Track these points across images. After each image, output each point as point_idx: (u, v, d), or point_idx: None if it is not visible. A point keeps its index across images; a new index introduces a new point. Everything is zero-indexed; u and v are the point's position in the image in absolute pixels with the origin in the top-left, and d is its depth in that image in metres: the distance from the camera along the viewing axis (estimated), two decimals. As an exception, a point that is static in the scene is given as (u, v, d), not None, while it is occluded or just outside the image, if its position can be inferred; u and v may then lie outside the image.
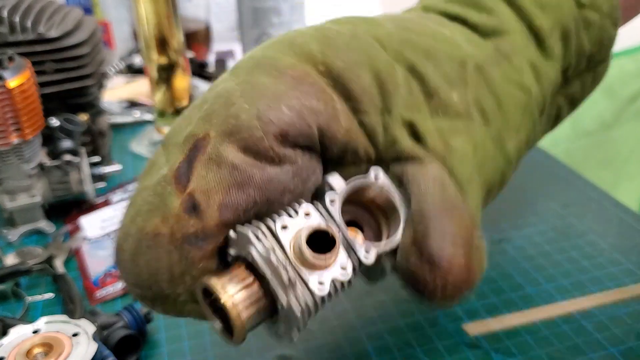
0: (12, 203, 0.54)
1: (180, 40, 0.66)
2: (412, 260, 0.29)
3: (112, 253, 0.29)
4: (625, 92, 1.25)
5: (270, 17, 0.80)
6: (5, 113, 0.50)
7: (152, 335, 0.43)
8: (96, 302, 0.46)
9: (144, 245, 0.27)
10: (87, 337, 0.36)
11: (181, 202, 0.26)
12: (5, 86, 0.49)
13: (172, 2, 0.64)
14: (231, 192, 0.26)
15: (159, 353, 0.41)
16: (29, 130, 0.51)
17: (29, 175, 0.54)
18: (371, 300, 0.45)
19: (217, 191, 0.26)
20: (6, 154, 0.52)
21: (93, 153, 0.60)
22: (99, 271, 0.49)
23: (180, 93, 0.69)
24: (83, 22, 0.62)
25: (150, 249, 0.27)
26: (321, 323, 0.43)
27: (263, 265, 0.26)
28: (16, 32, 0.56)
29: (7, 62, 0.51)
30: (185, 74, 0.68)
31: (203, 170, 0.27)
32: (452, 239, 0.29)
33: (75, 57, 0.58)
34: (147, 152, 0.70)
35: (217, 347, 0.41)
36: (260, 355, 0.40)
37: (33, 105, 0.52)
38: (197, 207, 0.26)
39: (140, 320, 0.41)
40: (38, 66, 0.56)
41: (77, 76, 0.59)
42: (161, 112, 0.70)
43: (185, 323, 0.44)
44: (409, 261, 0.29)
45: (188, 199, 0.26)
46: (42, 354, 0.35)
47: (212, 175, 0.27)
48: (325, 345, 0.41)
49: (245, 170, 0.27)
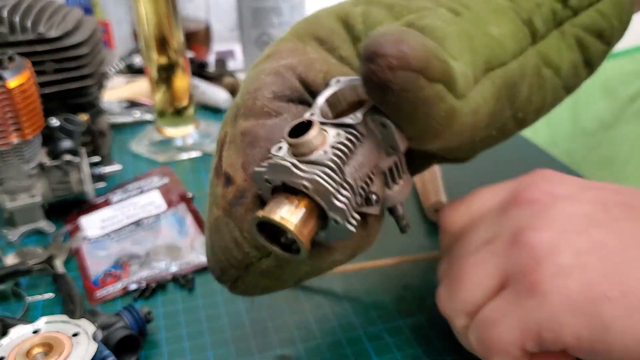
0: (12, 203, 0.54)
1: (180, 40, 0.66)
2: (360, 66, 0.28)
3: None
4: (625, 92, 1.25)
5: (271, 17, 0.80)
6: (5, 113, 0.50)
7: (152, 336, 0.43)
8: (96, 302, 0.46)
9: (213, 234, 0.33)
10: (87, 337, 0.36)
11: (221, 184, 0.32)
12: (6, 86, 0.49)
13: (172, 2, 0.64)
14: (247, 151, 0.32)
15: (159, 353, 0.41)
16: (29, 130, 0.51)
17: (29, 175, 0.54)
18: (371, 300, 0.45)
19: (237, 157, 0.32)
20: (6, 154, 0.52)
21: (93, 153, 0.60)
22: (99, 271, 0.49)
23: (180, 93, 0.69)
24: (83, 22, 0.62)
25: (216, 232, 0.33)
26: (321, 322, 0.43)
27: (288, 178, 0.28)
28: (16, 32, 0.57)
29: (7, 62, 0.51)
30: (185, 74, 0.68)
31: (226, 152, 0.33)
32: (387, 31, 0.27)
33: (76, 57, 0.58)
34: (147, 152, 0.70)
35: (217, 347, 0.41)
36: (260, 354, 0.41)
37: (33, 105, 0.52)
38: (230, 178, 0.32)
39: (141, 320, 0.41)
40: (38, 66, 0.56)
41: (77, 76, 0.59)
42: (161, 112, 0.70)
43: (186, 323, 0.44)
44: (360, 70, 0.28)
45: (224, 178, 0.32)
46: (42, 354, 0.35)
47: (232, 150, 0.32)
48: (325, 344, 0.41)
49: (251, 130, 0.32)
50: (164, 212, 0.57)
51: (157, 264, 0.49)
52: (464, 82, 0.30)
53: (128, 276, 0.48)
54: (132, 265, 0.50)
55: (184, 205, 0.58)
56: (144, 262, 0.50)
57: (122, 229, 0.55)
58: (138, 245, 0.52)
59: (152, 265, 0.49)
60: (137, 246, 0.52)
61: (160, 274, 0.48)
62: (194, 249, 0.51)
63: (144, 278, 0.48)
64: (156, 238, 0.53)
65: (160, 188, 0.61)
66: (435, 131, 0.29)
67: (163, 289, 0.47)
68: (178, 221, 0.55)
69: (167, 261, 0.50)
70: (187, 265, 0.49)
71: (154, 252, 0.51)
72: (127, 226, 0.55)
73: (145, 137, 0.72)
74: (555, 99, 0.40)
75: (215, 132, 0.72)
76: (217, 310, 0.45)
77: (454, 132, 0.30)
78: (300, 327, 0.43)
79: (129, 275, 0.48)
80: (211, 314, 0.45)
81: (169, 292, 0.47)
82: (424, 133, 0.29)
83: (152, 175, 0.64)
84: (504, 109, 0.35)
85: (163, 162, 0.68)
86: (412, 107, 0.27)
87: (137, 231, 0.54)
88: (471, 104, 0.30)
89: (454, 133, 0.30)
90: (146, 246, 0.52)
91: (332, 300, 0.45)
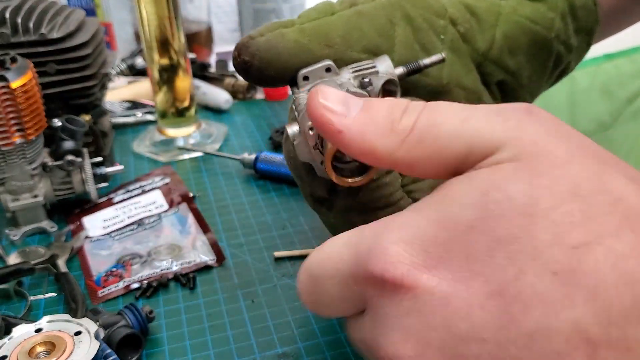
0: (15, 203, 0.54)
1: (181, 41, 0.67)
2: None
3: None
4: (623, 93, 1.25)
5: (271, 18, 0.81)
6: (8, 113, 0.50)
7: (154, 334, 0.43)
8: (98, 301, 0.47)
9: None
10: (89, 336, 0.36)
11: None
12: (8, 87, 0.49)
13: (173, 4, 0.64)
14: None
15: (161, 352, 0.42)
16: (31, 131, 0.52)
17: (31, 175, 0.54)
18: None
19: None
20: (9, 154, 0.52)
21: (95, 153, 0.61)
22: (101, 270, 0.50)
23: (182, 94, 0.69)
24: (85, 24, 0.63)
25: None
26: (321, 321, 0.43)
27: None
28: (19, 33, 0.57)
29: (10, 63, 0.51)
30: (186, 75, 0.69)
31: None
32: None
33: (78, 58, 0.59)
34: (148, 153, 0.70)
35: (218, 346, 0.42)
36: (261, 353, 0.41)
37: (35, 105, 0.52)
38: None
39: (142, 319, 0.41)
40: (40, 67, 0.57)
41: (79, 77, 0.59)
42: (163, 113, 0.70)
43: (187, 322, 0.44)
44: None
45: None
46: (45, 353, 0.36)
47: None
48: (326, 342, 0.41)
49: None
50: (165, 212, 0.57)
51: (158, 263, 0.50)
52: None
53: (130, 275, 0.49)
54: (134, 264, 0.50)
55: (185, 205, 0.58)
56: (145, 261, 0.50)
57: (124, 228, 0.55)
58: (140, 244, 0.53)
59: (154, 264, 0.50)
60: (139, 245, 0.52)
61: (161, 273, 0.49)
62: (196, 248, 0.51)
63: (146, 277, 0.48)
64: (158, 237, 0.53)
65: (162, 188, 0.61)
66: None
67: (165, 288, 0.48)
68: (179, 221, 0.56)
69: (168, 260, 0.50)
70: (189, 264, 0.50)
71: (156, 252, 0.51)
72: (129, 226, 0.56)
73: (147, 138, 0.72)
74: None
75: (216, 132, 0.73)
76: (218, 308, 0.45)
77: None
78: (301, 326, 0.43)
79: (131, 275, 0.49)
80: (212, 313, 0.45)
81: (170, 291, 0.48)
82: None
83: (154, 175, 0.64)
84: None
85: (165, 162, 0.68)
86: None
87: (139, 231, 0.55)
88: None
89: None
90: (148, 245, 0.52)
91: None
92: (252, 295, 0.46)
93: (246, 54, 0.36)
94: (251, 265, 0.50)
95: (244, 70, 0.37)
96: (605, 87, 1.24)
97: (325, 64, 0.36)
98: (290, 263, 0.50)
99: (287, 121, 0.37)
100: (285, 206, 0.58)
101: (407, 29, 0.39)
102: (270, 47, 0.36)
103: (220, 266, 0.50)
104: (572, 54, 0.46)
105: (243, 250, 0.52)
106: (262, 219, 0.56)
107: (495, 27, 0.42)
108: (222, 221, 0.56)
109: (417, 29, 0.40)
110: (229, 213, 0.57)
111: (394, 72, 0.37)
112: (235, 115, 0.79)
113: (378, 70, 0.37)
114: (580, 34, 0.46)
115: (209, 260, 0.50)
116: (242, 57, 0.36)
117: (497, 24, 0.42)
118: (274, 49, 0.36)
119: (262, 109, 0.80)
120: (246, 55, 0.36)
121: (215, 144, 0.71)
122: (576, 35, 0.45)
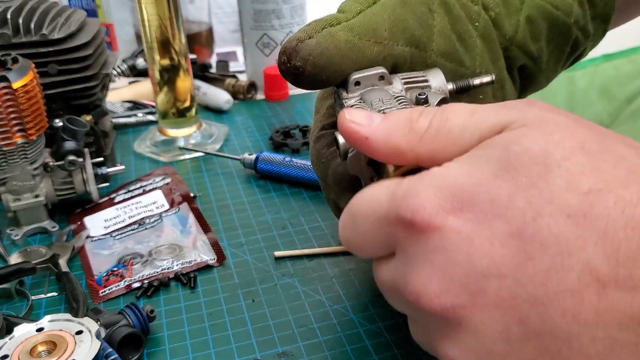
0: (17, 203, 0.55)
1: (182, 42, 0.67)
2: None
3: None
4: (622, 93, 1.25)
5: (271, 19, 0.81)
6: (10, 114, 0.50)
7: (155, 334, 0.43)
8: (99, 301, 0.47)
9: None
10: (91, 335, 0.37)
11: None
12: (10, 87, 0.50)
13: (174, 5, 0.65)
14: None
15: (162, 351, 0.42)
16: (32, 131, 0.52)
17: (33, 175, 0.54)
18: (371, 298, 0.45)
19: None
20: (10, 154, 0.53)
21: (96, 154, 0.61)
22: (102, 270, 0.50)
23: (183, 94, 0.70)
24: (86, 24, 0.63)
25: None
26: (321, 320, 0.43)
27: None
28: (20, 34, 0.57)
29: (12, 63, 0.51)
30: (187, 76, 0.69)
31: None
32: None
33: (79, 59, 0.59)
34: (149, 153, 0.70)
35: (219, 345, 0.42)
36: (261, 352, 0.41)
37: (37, 106, 0.52)
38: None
39: (143, 318, 0.42)
40: (42, 67, 0.57)
41: (80, 77, 0.59)
42: (164, 113, 0.71)
43: (188, 321, 0.44)
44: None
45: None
46: (46, 352, 0.36)
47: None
48: (326, 342, 0.42)
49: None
50: (166, 212, 0.57)
51: (159, 262, 0.50)
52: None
53: (131, 275, 0.49)
54: (135, 264, 0.50)
55: (186, 204, 0.58)
56: (146, 261, 0.50)
57: (125, 228, 0.55)
58: (141, 244, 0.53)
59: (155, 264, 0.50)
60: (140, 245, 0.53)
61: (162, 273, 0.49)
62: (196, 248, 0.52)
63: (147, 277, 0.49)
64: (159, 237, 0.54)
65: (163, 188, 0.61)
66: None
67: (166, 287, 0.48)
68: (180, 220, 0.56)
69: (169, 260, 0.50)
70: (190, 263, 0.50)
71: (157, 251, 0.51)
72: (130, 225, 0.56)
73: (148, 138, 0.72)
74: None
75: (216, 132, 0.73)
76: (218, 308, 0.46)
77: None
78: (301, 325, 0.43)
79: (132, 274, 0.49)
80: (213, 312, 0.45)
81: (171, 290, 0.48)
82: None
83: (155, 175, 0.64)
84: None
85: (165, 163, 0.68)
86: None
87: (140, 230, 0.55)
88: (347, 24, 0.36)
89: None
90: (149, 245, 0.53)
91: (332, 299, 0.45)
92: (253, 295, 0.47)
93: (298, 60, 0.34)
94: (251, 264, 0.50)
95: (295, 75, 0.35)
96: (604, 88, 1.24)
97: (379, 71, 0.35)
98: (290, 263, 0.50)
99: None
100: (286, 206, 0.58)
101: (444, 18, 0.39)
102: (322, 50, 0.34)
103: (221, 266, 0.50)
104: (589, 40, 0.47)
105: (243, 250, 0.52)
106: (262, 218, 0.56)
107: (520, 12, 0.42)
108: (223, 221, 0.56)
109: (455, 17, 0.39)
110: (230, 213, 0.58)
111: (446, 90, 0.37)
112: (235, 115, 0.79)
113: (430, 85, 0.36)
114: (596, 21, 0.46)
115: (209, 259, 0.50)
116: (293, 63, 0.34)
117: (522, 8, 0.42)
118: (326, 52, 0.34)
119: (262, 110, 0.81)
120: (298, 60, 0.34)
121: (215, 144, 0.71)
122: (593, 21, 0.46)
